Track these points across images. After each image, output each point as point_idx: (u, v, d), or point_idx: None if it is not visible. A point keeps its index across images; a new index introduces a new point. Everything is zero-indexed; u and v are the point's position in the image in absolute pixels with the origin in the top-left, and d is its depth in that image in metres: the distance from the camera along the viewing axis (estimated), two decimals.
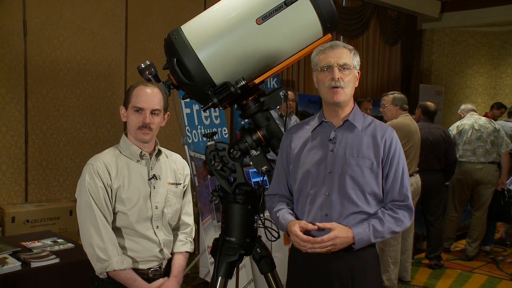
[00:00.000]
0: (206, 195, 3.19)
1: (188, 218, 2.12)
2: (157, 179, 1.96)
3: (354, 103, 1.88)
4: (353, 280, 1.78)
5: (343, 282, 1.78)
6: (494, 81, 9.30)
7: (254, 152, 2.03)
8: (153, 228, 1.94)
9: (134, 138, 1.93)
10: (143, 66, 2.02)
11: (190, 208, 2.15)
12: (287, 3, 1.86)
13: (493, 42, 9.21)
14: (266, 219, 2.06)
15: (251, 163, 2.11)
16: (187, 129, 3.28)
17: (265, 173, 2.03)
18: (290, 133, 1.94)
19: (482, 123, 4.82)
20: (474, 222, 4.92)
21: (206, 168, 2.11)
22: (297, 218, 1.84)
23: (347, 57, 1.78)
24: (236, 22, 1.90)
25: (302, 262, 1.86)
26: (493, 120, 5.25)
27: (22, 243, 2.56)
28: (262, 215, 2.08)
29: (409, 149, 3.76)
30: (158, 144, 2.03)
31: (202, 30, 1.93)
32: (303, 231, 1.75)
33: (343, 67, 1.76)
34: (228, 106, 2.12)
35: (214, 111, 3.64)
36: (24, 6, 3.98)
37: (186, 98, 2.15)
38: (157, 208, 1.94)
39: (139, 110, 1.88)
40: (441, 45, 9.17)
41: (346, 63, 1.77)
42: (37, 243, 2.58)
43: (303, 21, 1.91)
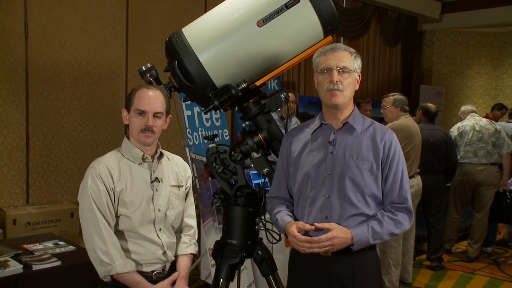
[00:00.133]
0: (207, 197, 3.19)
1: (191, 220, 2.12)
2: (159, 182, 1.96)
3: (354, 106, 1.88)
4: (353, 282, 1.78)
5: (343, 284, 1.78)
6: (495, 82, 9.30)
7: (255, 154, 2.03)
8: (156, 230, 1.94)
9: (136, 141, 1.94)
10: (144, 69, 2.02)
11: (192, 210, 2.15)
12: (288, 6, 1.85)
13: (493, 43, 9.20)
14: (267, 221, 2.06)
15: (252, 165, 2.11)
16: (188, 131, 3.28)
17: (266, 175, 2.04)
18: (290, 135, 1.94)
19: (483, 124, 4.82)
20: (476, 223, 4.92)
21: (207, 170, 2.11)
22: (296, 220, 1.83)
23: (347, 60, 1.78)
24: (237, 25, 1.90)
25: (302, 264, 1.86)
26: (494, 121, 5.25)
27: (24, 246, 2.56)
28: (263, 217, 2.08)
29: (410, 150, 3.76)
30: (160, 146, 2.03)
31: (203, 33, 1.93)
32: (301, 232, 1.75)
33: (343, 70, 1.76)
34: (229, 109, 2.12)
35: (215, 113, 3.64)
36: (25, 8, 3.98)
37: (187, 101, 2.15)
38: (160, 210, 1.95)
39: (142, 113, 1.88)
40: (441, 46, 9.16)
41: (345, 66, 1.77)
42: (38, 246, 2.58)
43: (304, 23, 1.91)
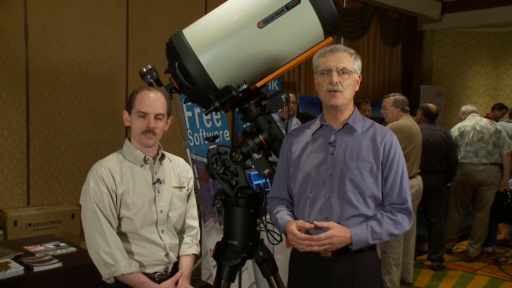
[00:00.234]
0: (208, 198, 3.19)
1: (193, 221, 2.13)
2: (161, 183, 1.97)
3: (354, 107, 1.88)
4: (353, 282, 1.78)
5: (344, 285, 1.78)
6: (495, 81, 9.30)
7: (256, 155, 2.03)
8: (158, 232, 1.95)
9: (138, 142, 1.94)
10: (145, 70, 2.02)
11: (194, 211, 2.15)
12: (289, 7, 1.85)
13: (494, 43, 9.20)
14: (268, 222, 2.06)
15: (253, 166, 2.11)
16: (189, 132, 3.28)
17: (267, 176, 2.04)
18: (291, 136, 1.94)
19: (483, 125, 4.81)
20: (476, 223, 4.92)
21: (208, 171, 2.10)
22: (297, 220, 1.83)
23: (347, 61, 1.78)
24: (237, 26, 1.89)
25: (302, 264, 1.87)
26: (494, 121, 5.25)
27: (25, 247, 2.55)
28: (264, 218, 2.08)
29: (410, 151, 3.76)
30: (162, 148, 2.03)
31: (204, 34, 1.92)
32: (301, 231, 1.75)
33: (342, 71, 1.76)
34: (229, 110, 2.12)
35: (216, 114, 3.63)
36: (25, 9, 3.98)
37: (188, 102, 2.14)
38: (162, 212, 1.95)
39: (143, 115, 1.89)
40: (441, 46, 9.16)
41: (345, 67, 1.77)
42: (39, 247, 2.58)
43: (304, 24, 1.90)
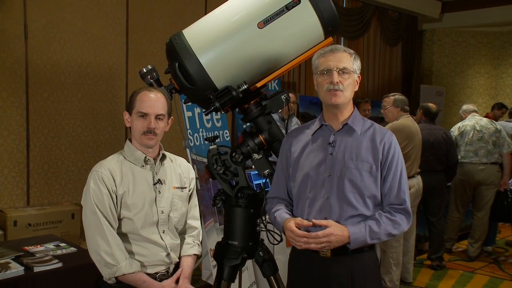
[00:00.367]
0: (208, 198, 3.19)
1: (194, 222, 2.13)
2: (162, 184, 1.97)
3: (354, 107, 1.88)
4: (352, 282, 1.78)
5: (343, 285, 1.78)
6: (495, 81, 9.30)
7: (256, 155, 2.03)
8: (159, 232, 1.95)
9: (138, 143, 1.94)
10: (145, 71, 2.02)
11: (196, 211, 2.15)
12: (289, 7, 1.85)
13: (493, 42, 9.20)
14: (268, 222, 2.06)
15: (253, 167, 2.12)
16: (189, 132, 3.28)
17: (267, 176, 2.04)
18: (290, 137, 1.95)
19: (483, 124, 4.82)
20: (476, 222, 4.92)
21: (208, 171, 2.11)
22: None
23: (347, 61, 1.78)
24: (237, 26, 1.89)
25: (302, 264, 1.87)
26: (494, 120, 5.25)
27: (25, 248, 2.55)
28: (264, 219, 2.08)
29: (410, 150, 3.76)
30: (162, 148, 2.03)
31: (204, 34, 1.92)
32: (300, 229, 1.75)
33: (343, 71, 1.77)
34: (229, 110, 2.12)
35: (216, 115, 3.63)
36: (24, 9, 3.98)
37: (188, 102, 2.15)
38: (163, 212, 1.95)
39: (144, 115, 1.89)
40: (441, 45, 9.16)
41: (345, 67, 1.77)
42: (39, 248, 2.57)
43: (305, 25, 1.90)
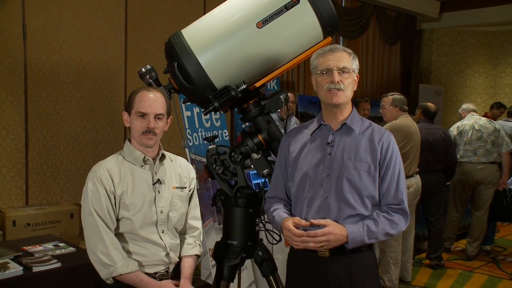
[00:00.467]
0: (207, 198, 3.19)
1: (195, 222, 2.13)
2: (161, 184, 1.97)
3: (353, 107, 1.88)
4: (350, 282, 1.78)
5: (341, 285, 1.78)
6: (494, 80, 9.31)
7: (255, 155, 2.04)
8: (158, 232, 1.95)
9: (138, 143, 1.94)
10: (144, 71, 2.02)
11: (197, 211, 2.15)
12: (288, 7, 1.85)
13: (492, 42, 9.21)
14: (267, 222, 2.06)
15: (252, 166, 2.12)
16: (188, 132, 3.28)
17: (266, 176, 2.04)
18: (289, 136, 1.95)
19: (482, 123, 4.82)
20: (475, 222, 4.92)
21: (207, 171, 2.11)
22: None
23: (347, 60, 1.78)
24: (236, 26, 1.89)
25: (300, 264, 1.87)
26: (492, 120, 5.26)
27: (24, 248, 2.55)
28: (263, 218, 2.08)
29: (409, 150, 3.76)
30: (162, 148, 2.03)
31: (203, 34, 1.92)
32: (299, 228, 1.74)
33: (343, 71, 1.77)
34: (229, 110, 2.12)
35: (215, 114, 3.63)
36: (23, 9, 3.97)
37: (187, 102, 2.15)
38: (162, 212, 1.95)
39: (143, 115, 1.89)
40: (440, 45, 9.17)
41: (345, 67, 1.77)
42: (38, 247, 2.57)
43: (304, 24, 1.91)
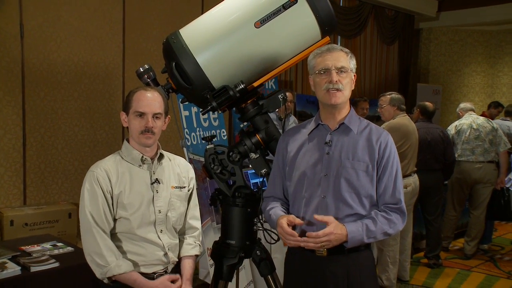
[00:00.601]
0: (205, 197, 3.19)
1: (195, 222, 2.13)
2: (159, 183, 1.96)
3: (350, 107, 1.88)
4: (348, 282, 1.78)
5: (339, 284, 1.78)
6: (491, 79, 9.33)
7: (253, 155, 2.04)
8: (156, 232, 1.95)
9: (136, 142, 1.94)
10: (142, 70, 2.02)
11: (197, 211, 2.15)
12: (286, 7, 1.86)
13: (490, 41, 9.23)
14: (265, 222, 2.07)
15: (250, 166, 2.12)
16: (186, 131, 3.28)
17: (264, 175, 2.04)
18: (287, 136, 1.95)
19: (480, 123, 4.83)
20: (473, 221, 4.93)
21: (205, 170, 2.11)
22: None
23: (344, 60, 1.79)
24: (234, 26, 1.90)
25: (298, 264, 1.87)
26: (490, 119, 5.27)
27: (22, 248, 2.55)
28: (261, 218, 2.09)
29: (407, 149, 3.77)
30: (160, 147, 2.03)
31: (201, 34, 1.93)
32: (295, 227, 1.75)
33: (341, 70, 1.77)
34: (227, 110, 2.12)
35: (213, 114, 3.63)
36: (20, 8, 3.96)
37: (185, 101, 2.15)
38: (160, 212, 1.95)
39: (141, 114, 1.89)
40: (438, 44, 9.18)
41: (343, 66, 1.77)
42: (36, 247, 2.57)
43: (302, 24, 1.91)
